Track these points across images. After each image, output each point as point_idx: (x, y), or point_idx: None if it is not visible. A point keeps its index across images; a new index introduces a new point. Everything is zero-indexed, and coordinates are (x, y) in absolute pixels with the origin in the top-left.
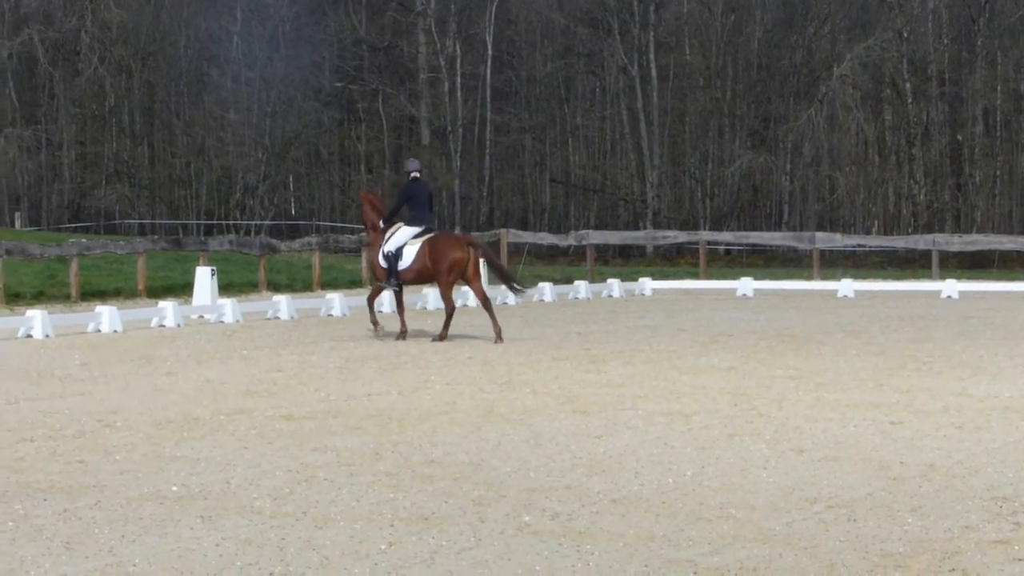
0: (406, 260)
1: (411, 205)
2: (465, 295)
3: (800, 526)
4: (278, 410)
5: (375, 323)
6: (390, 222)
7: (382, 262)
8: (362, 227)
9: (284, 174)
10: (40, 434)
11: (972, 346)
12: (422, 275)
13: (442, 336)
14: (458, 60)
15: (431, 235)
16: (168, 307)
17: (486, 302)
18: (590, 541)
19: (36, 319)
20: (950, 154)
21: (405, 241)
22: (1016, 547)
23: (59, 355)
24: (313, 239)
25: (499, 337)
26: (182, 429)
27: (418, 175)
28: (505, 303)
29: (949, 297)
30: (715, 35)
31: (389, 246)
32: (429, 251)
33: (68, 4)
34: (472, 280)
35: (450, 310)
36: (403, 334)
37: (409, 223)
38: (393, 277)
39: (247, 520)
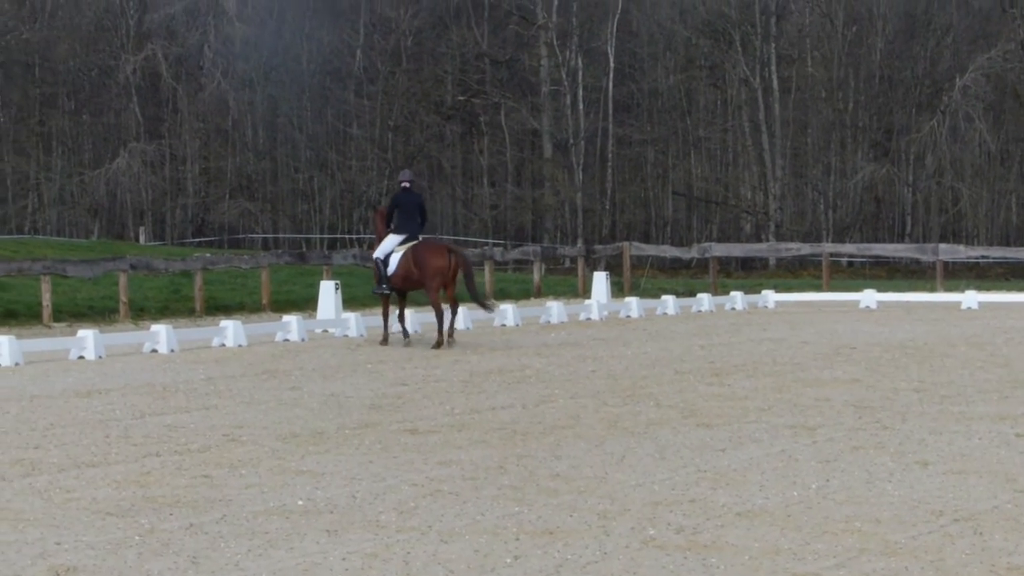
0: (392, 266)
1: (399, 214)
2: (588, 308)
3: (926, 539)
4: (403, 424)
5: (404, 334)
6: (385, 229)
7: (378, 268)
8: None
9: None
10: (166, 449)
11: None
12: (408, 280)
13: (438, 343)
14: (580, 73)
15: (415, 242)
16: (292, 321)
17: (453, 305)
18: (715, 554)
19: (161, 334)
20: None
21: (392, 248)
22: None
23: (184, 370)
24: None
25: (439, 344)
26: (307, 443)
27: (408, 185)
28: (629, 316)
29: None
30: (837, 46)
31: (378, 252)
32: (413, 258)
33: (191, 19)
34: (447, 285)
35: (438, 314)
36: (385, 339)
37: (395, 231)
38: (383, 282)
39: (372, 534)
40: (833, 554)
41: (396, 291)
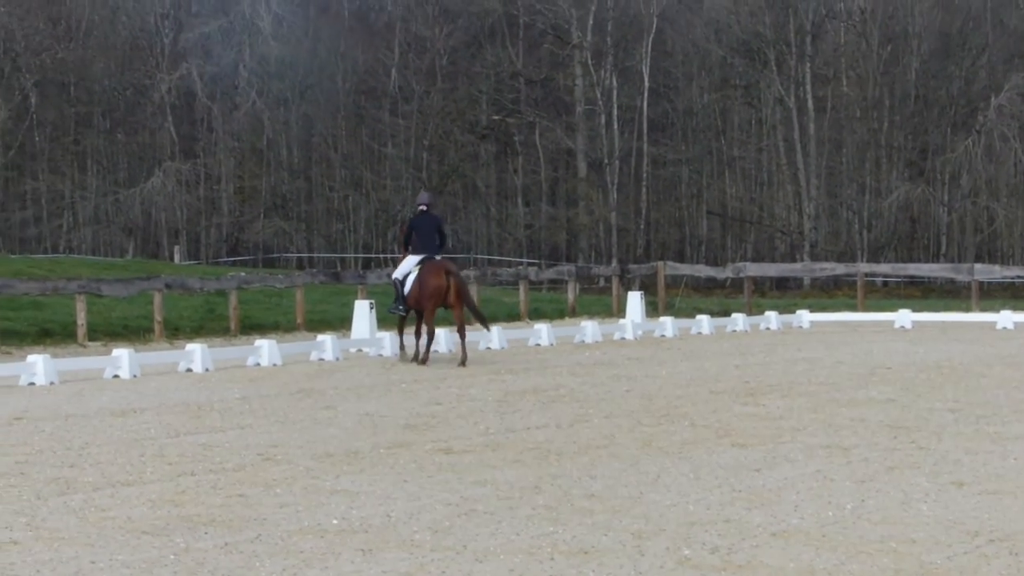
0: (407, 286)
1: (416, 236)
2: (623, 328)
3: (962, 560)
4: (437, 443)
5: (401, 347)
6: (405, 252)
7: (396, 288)
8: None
9: (441, 207)
10: (201, 468)
11: None
12: (419, 301)
13: (423, 359)
14: (614, 92)
15: (424, 263)
16: (327, 340)
17: (461, 329)
18: (750, 574)
19: (196, 353)
20: None
21: (409, 269)
22: None
23: (219, 389)
24: (471, 272)
25: (463, 362)
26: (342, 462)
27: (425, 208)
28: (663, 336)
29: None
30: (872, 66)
31: (397, 273)
32: (417, 278)
33: (226, 38)
34: (454, 306)
35: (430, 333)
36: (404, 356)
37: (413, 252)
38: (399, 302)
39: (407, 553)
40: (869, 574)
41: (414, 311)
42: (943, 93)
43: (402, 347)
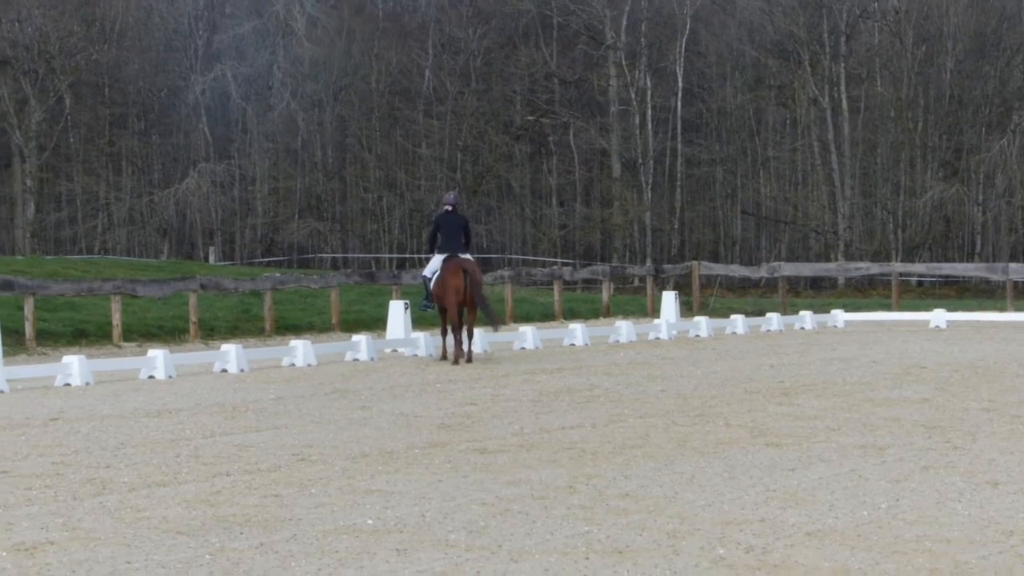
0: (433, 284)
1: (442, 235)
2: (657, 328)
3: (996, 559)
4: (472, 443)
5: (451, 357)
6: (431, 251)
7: (425, 286)
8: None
9: (475, 207)
10: (236, 468)
11: None
12: (440, 299)
13: (453, 359)
14: (648, 93)
15: (446, 262)
16: (362, 341)
17: (468, 328)
18: (785, 574)
19: (231, 353)
20: None
21: (436, 267)
22: None
23: (254, 389)
24: (505, 272)
25: (468, 359)
26: (377, 462)
27: (451, 208)
28: (698, 336)
29: None
30: (906, 66)
31: (425, 271)
32: (439, 277)
33: (260, 40)
34: (467, 306)
35: (454, 331)
36: (444, 356)
37: (439, 251)
38: (428, 300)
39: (442, 553)
40: (903, 574)
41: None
42: (978, 93)
43: (444, 345)
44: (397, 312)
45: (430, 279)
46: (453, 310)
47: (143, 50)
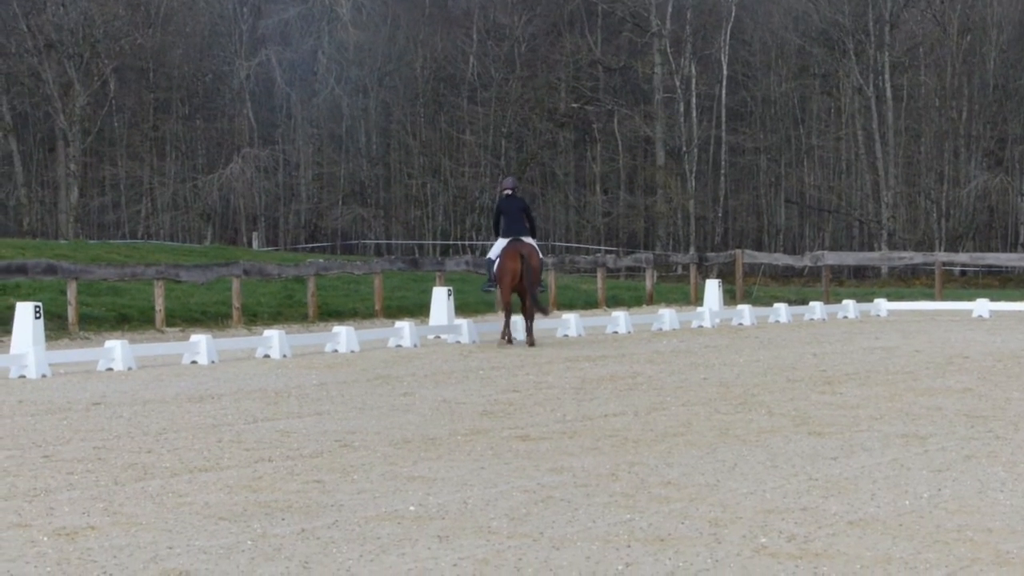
0: (496, 267)
1: (504, 219)
2: (700, 316)
3: None
4: (515, 430)
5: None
6: (496, 235)
7: (489, 268)
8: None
9: (520, 195)
10: (278, 454)
11: None
12: (500, 281)
13: (528, 340)
14: (693, 80)
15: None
16: (405, 327)
17: (527, 313)
18: (827, 563)
19: (274, 339)
20: None
21: (500, 251)
22: None
23: (296, 375)
24: (549, 259)
25: (529, 343)
26: (419, 449)
27: (510, 192)
28: (741, 324)
29: None
30: (950, 55)
31: (490, 253)
32: (499, 259)
33: (305, 25)
34: (520, 293)
35: (506, 314)
36: (504, 339)
37: (503, 235)
38: (491, 281)
39: (484, 540)
40: (945, 563)
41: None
42: (1022, 82)
43: (507, 328)
44: (440, 298)
45: (494, 261)
46: (506, 292)
47: (188, 35)
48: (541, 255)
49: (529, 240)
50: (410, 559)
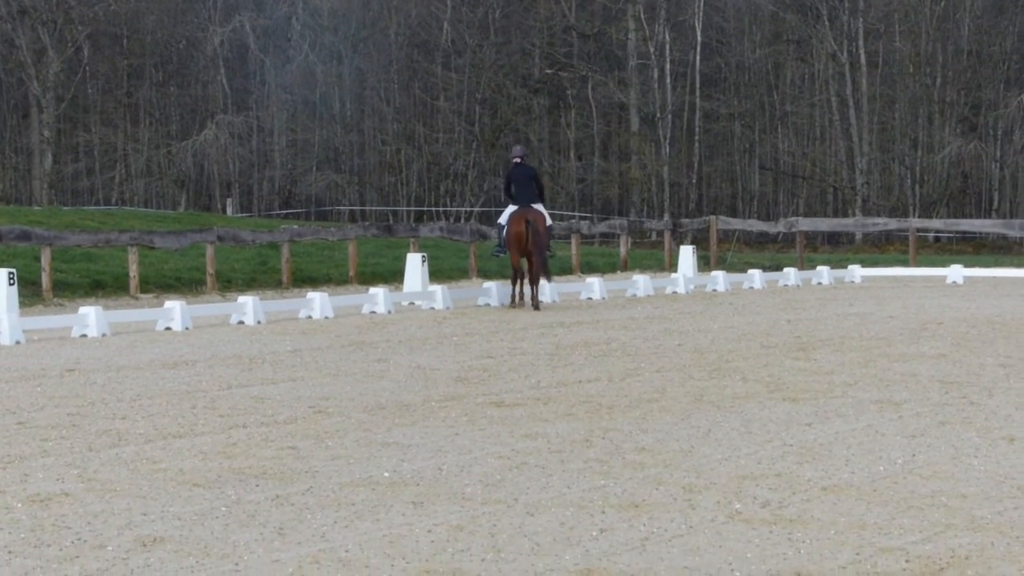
0: (504, 232)
1: (515, 187)
2: (674, 282)
3: (1012, 514)
4: (489, 396)
5: (512, 299)
6: (508, 200)
7: (499, 233)
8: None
9: (494, 161)
10: (252, 420)
11: None
12: (507, 246)
13: (533, 304)
14: (667, 47)
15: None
16: (379, 293)
17: (532, 279)
18: (801, 528)
19: (248, 305)
20: None
21: (509, 217)
22: None
23: (270, 341)
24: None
25: (535, 307)
26: (394, 415)
27: (520, 160)
28: (715, 290)
29: None
30: (925, 21)
31: (500, 219)
32: (507, 224)
33: None
34: (528, 256)
35: (513, 278)
36: (513, 303)
37: (513, 202)
38: (500, 246)
39: (459, 506)
40: (919, 529)
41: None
42: (996, 48)
43: (513, 292)
44: (414, 265)
45: (503, 227)
46: (515, 256)
47: (161, 1)
48: (550, 221)
49: (538, 207)
50: (384, 525)
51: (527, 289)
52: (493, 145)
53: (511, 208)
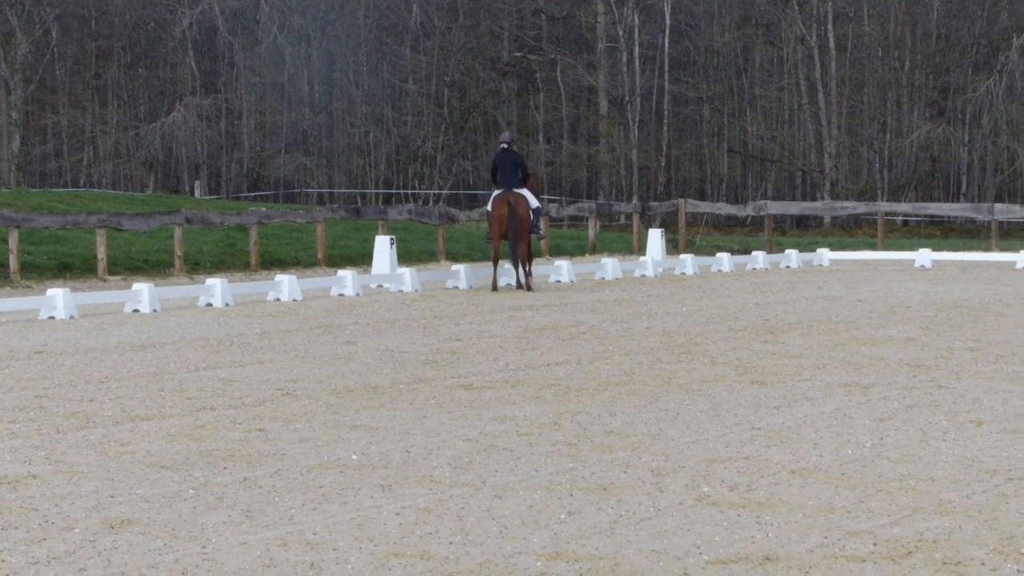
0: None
1: (499, 172)
2: (643, 265)
3: (979, 498)
4: (457, 379)
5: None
6: (494, 186)
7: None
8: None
9: (462, 144)
10: (220, 403)
11: None
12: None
13: (526, 285)
14: (636, 30)
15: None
16: (347, 276)
17: (514, 262)
18: (769, 512)
19: (216, 288)
20: None
21: (492, 201)
22: None
23: (239, 324)
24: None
25: (526, 287)
26: (362, 398)
27: (506, 146)
28: (683, 273)
29: None
30: (893, 5)
31: (488, 206)
32: (490, 208)
33: None
34: (512, 238)
35: (494, 261)
36: (495, 288)
37: (497, 187)
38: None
39: (427, 489)
40: (887, 512)
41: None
42: (965, 32)
43: (495, 276)
44: (383, 247)
45: (490, 212)
46: (496, 239)
47: None
48: (536, 203)
49: (520, 191)
50: (352, 508)
51: (515, 272)
52: (462, 128)
53: (495, 192)
